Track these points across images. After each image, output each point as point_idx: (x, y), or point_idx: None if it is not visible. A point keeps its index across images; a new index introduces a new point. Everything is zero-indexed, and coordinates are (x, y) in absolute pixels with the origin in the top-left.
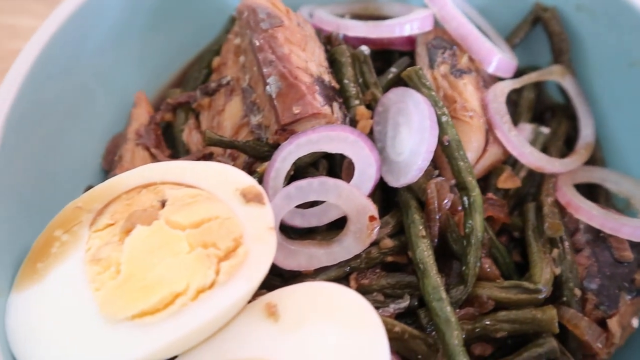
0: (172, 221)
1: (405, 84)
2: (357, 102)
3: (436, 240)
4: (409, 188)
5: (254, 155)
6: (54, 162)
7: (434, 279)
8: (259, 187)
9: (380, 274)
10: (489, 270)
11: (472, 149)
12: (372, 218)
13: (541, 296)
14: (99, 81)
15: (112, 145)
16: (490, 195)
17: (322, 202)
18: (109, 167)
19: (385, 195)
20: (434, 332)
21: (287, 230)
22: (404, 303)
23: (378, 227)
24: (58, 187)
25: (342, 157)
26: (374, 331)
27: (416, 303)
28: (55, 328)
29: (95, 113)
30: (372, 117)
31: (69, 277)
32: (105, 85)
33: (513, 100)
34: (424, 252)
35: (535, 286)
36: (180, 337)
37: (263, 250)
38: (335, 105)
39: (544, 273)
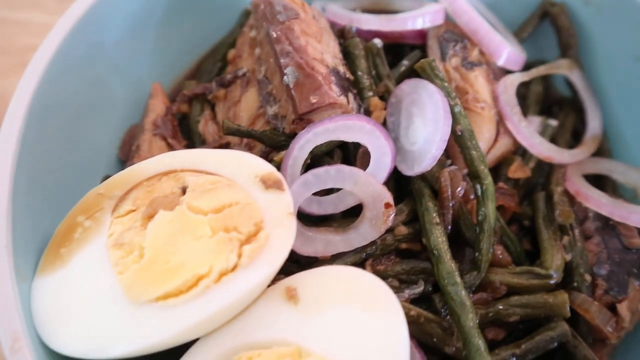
0: (193, 206)
1: (418, 77)
2: (370, 93)
3: (449, 227)
4: (422, 177)
5: (270, 145)
6: (72, 152)
7: (449, 264)
8: (278, 174)
9: (395, 261)
10: (501, 256)
11: (484, 140)
12: (387, 205)
13: (552, 281)
14: (116, 74)
15: (128, 136)
16: (501, 184)
17: (338, 190)
18: (126, 157)
19: (397, 185)
20: (448, 316)
21: (303, 219)
22: (419, 289)
23: (393, 214)
24: (76, 177)
25: (355, 147)
26: (393, 313)
27: (430, 289)
28: (80, 310)
29: (112, 105)
30: (385, 109)
31: (93, 261)
32: (121, 77)
33: (521, 94)
34: (438, 238)
35: (546, 272)
36: (204, 318)
37: (283, 234)
38: (350, 95)
39: (555, 259)
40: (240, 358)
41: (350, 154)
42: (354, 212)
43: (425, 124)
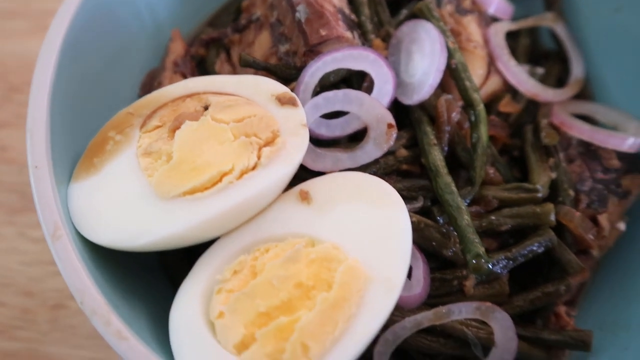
0: (217, 118)
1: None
2: (373, 36)
3: (446, 149)
4: (421, 106)
5: (283, 77)
6: (99, 91)
7: (446, 178)
8: (292, 93)
9: (397, 179)
10: (493, 176)
11: (477, 75)
12: (390, 125)
13: (539, 195)
14: (138, 21)
15: (148, 77)
16: (492, 117)
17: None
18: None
19: (397, 119)
20: (446, 224)
21: (313, 143)
22: (418, 204)
23: (395, 134)
24: (103, 115)
25: (358, 84)
26: (397, 207)
27: (429, 204)
28: (112, 206)
29: (133, 51)
30: (386, 49)
31: (123, 167)
32: (143, 26)
33: (510, 47)
34: (436, 157)
35: (534, 186)
36: (227, 210)
37: (298, 141)
38: (355, 33)
39: (541, 176)
40: (259, 249)
41: (354, 88)
42: (359, 139)
43: (423, 58)
